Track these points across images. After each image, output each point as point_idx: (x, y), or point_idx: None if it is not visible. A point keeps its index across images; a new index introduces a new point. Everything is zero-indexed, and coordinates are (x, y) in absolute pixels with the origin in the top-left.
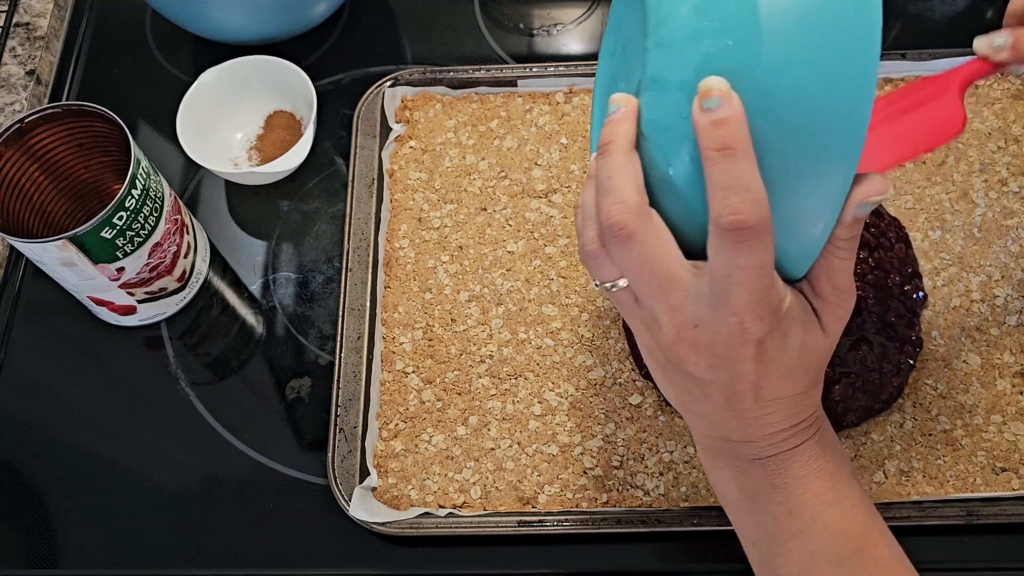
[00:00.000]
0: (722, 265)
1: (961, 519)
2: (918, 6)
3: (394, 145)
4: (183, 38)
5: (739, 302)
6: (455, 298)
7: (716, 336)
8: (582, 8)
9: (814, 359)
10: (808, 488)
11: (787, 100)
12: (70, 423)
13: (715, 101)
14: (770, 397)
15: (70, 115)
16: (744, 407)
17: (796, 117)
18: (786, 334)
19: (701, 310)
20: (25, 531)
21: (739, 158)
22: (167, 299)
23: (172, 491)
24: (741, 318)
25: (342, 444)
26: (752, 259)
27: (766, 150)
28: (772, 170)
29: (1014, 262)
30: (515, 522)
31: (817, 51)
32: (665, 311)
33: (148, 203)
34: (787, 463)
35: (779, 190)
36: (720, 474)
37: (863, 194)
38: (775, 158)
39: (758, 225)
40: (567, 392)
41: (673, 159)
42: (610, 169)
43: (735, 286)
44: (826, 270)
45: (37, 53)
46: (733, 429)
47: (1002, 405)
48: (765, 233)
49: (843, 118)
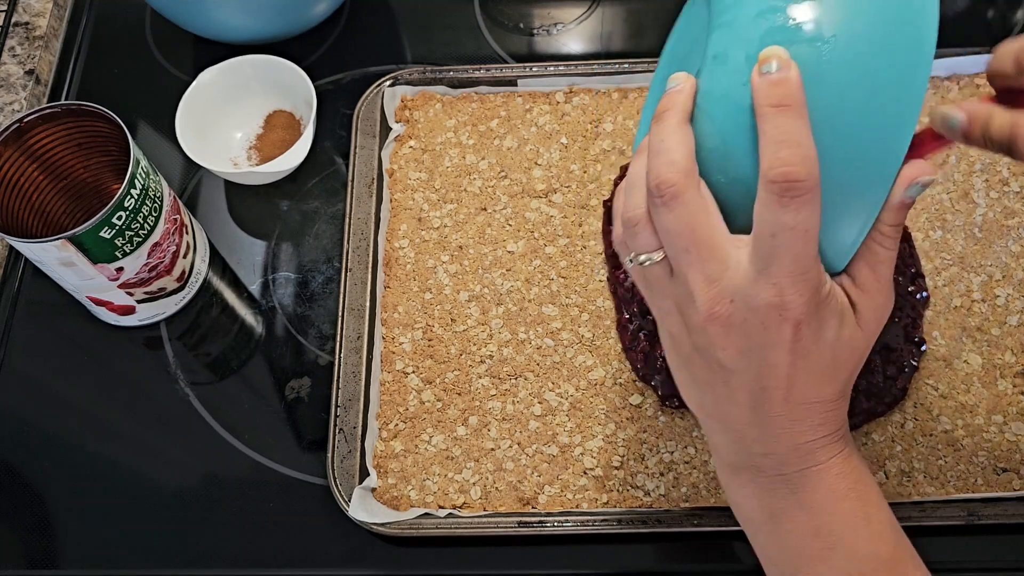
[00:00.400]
0: (768, 224)
1: (962, 519)
2: None
3: (394, 145)
4: (183, 38)
5: (781, 269)
6: (455, 298)
7: (753, 313)
8: (582, 8)
9: (848, 358)
10: (836, 508)
11: (845, 76)
12: (70, 423)
13: (775, 65)
14: (799, 400)
15: (69, 115)
16: (770, 409)
17: (853, 93)
18: (823, 323)
19: (739, 282)
20: (25, 531)
21: (794, 115)
22: (166, 299)
23: (172, 491)
24: (781, 289)
25: (342, 444)
26: (799, 219)
27: (820, 125)
28: (824, 146)
29: (1015, 262)
30: (515, 522)
31: (877, 27)
32: (701, 281)
33: (147, 203)
34: (814, 480)
35: (829, 168)
36: (741, 492)
37: (913, 174)
38: (828, 134)
39: (808, 182)
40: (567, 392)
41: (728, 126)
42: (663, 133)
43: (779, 250)
44: (868, 259)
45: (36, 52)
46: (755, 439)
47: (1003, 405)
48: (814, 193)
49: (900, 96)
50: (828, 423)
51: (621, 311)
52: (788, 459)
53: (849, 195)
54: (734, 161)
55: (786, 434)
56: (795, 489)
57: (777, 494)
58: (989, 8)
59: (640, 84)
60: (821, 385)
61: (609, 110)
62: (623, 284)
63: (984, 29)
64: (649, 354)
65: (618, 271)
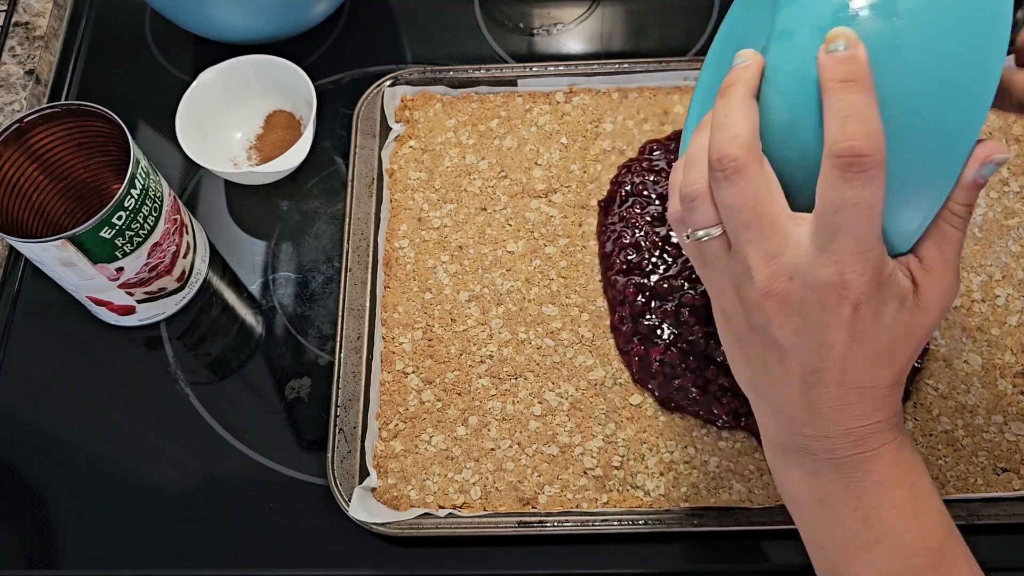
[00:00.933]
0: (831, 200)
1: (962, 519)
2: None
3: (394, 145)
4: (183, 38)
5: (843, 246)
6: (455, 298)
7: (812, 292)
8: (582, 7)
9: (907, 343)
10: (886, 497)
11: (919, 51)
12: (70, 423)
13: (842, 44)
14: (853, 383)
15: (69, 115)
16: (823, 392)
17: (926, 69)
18: (884, 305)
19: (799, 260)
20: (25, 531)
21: (860, 91)
22: (166, 299)
23: (172, 491)
24: (842, 268)
25: (342, 444)
26: (863, 195)
27: (891, 101)
28: (895, 122)
29: (1015, 262)
30: (515, 522)
31: (953, 3)
32: (760, 258)
33: (147, 203)
34: (865, 467)
35: (898, 145)
36: (789, 474)
37: (987, 151)
38: (899, 111)
39: (873, 157)
40: (567, 392)
41: (797, 100)
42: (728, 107)
43: (842, 226)
44: (937, 239)
45: (36, 53)
46: (806, 421)
47: (1003, 405)
48: (879, 169)
49: (975, 74)
50: (881, 409)
51: (614, 312)
52: (839, 444)
53: (919, 174)
54: (801, 136)
55: (838, 418)
56: (845, 475)
57: (826, 478)
58: None
59: (640, 84)
60: (876, 369)
61: (609, 110)
62: (614, 286)
63: None
64: (644, 358)
65: (610, 272)
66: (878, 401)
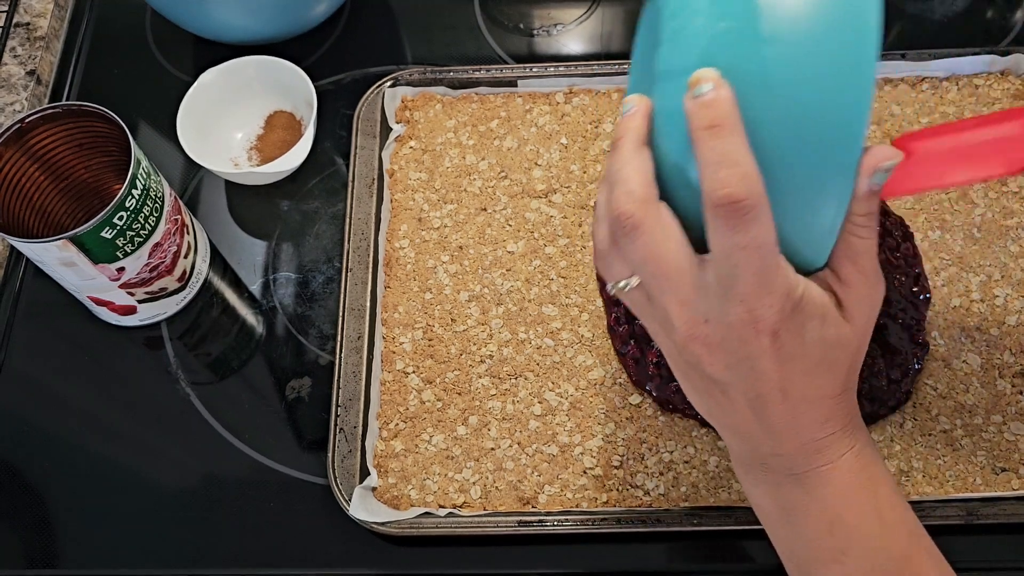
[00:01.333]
0: (721, 247)
1: (961, 519)
2: (918, 6)
3: (394, 145)
4: (183, 38)
5: (745, 287)
6: (455, 298)
7: (728, 330)
8: (582, 8)
9: (841, 354)
10: (850, 505)
11: (792, 74)
12: (70, 423)
13: (706, 87)
14: (798, 398)
15: (70, 115)
16: (771, 412)
17: (801, 90)
18: (803, 325)
19: (710, 303)
20: (25, 531)
21: (726, 134)
22: (167, 299)
23: (172, 491)
24: (749, 306)
25: (342, 444)
26: (750, 237)
27: (771, 126)
28: (776, 150)
29: (1014, 262)
30: (515, 522)
31: (819, 22)
32: (675, 306)
33: (148, 203)
34: (825, 478)
35: (784, 171)
36: (755, 489)
37: (874, 161)
38: (781, 135)
39: (750, 199)
40: (567, 392)
41: (679, 142)
42: (619, 162)
43: (737, 269)
44: (847, 252)
45: (37, 53)
46: (762, 440)
47: (1002, 405)
48: (759, 209)
49: (847, 88)
50: (834, 418)
51: (610, 313)
52: (797, 459)
53: (812, 194)
54: (691, 176)
55: (792, 433)
56: (807, 487)
57: (790, 491)
58: (988, 8)
59: None
60: (817, 381)
61: (609, 110)
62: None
63: (983, 29)
64: (640, 360)
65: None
66: (828, 411)
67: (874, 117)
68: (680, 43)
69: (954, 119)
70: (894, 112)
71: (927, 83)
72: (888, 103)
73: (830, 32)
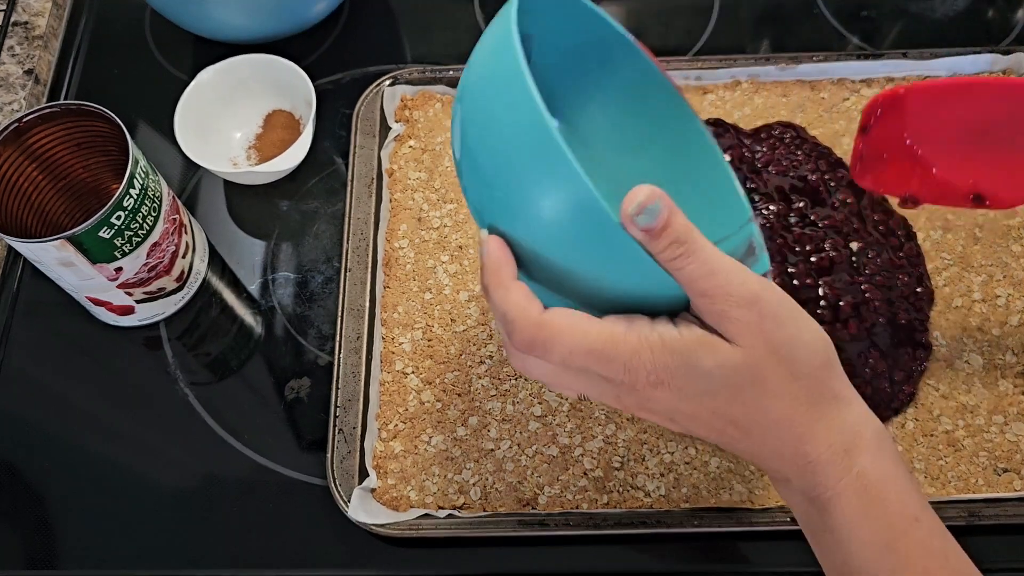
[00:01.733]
0: (542, 377)
1: (963, 520)
2: (919, 5)
3: (393, 144)
4: (182, 37)
5: (594, 385)
6: (455, 298)
7: (629, 398)
8: None
9: (745, 376)
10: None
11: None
12: (69, 423)
13: (482, 251)
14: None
15: (68, 114)
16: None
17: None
18: (689, 368)
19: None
20: (24, 531)
21: (490, 293)
22: (165, 299)
23: (171, 492)
24: (607, 383)
25: (341, 445)
26: (555, 356)
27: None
28: (543, 241)
29: (1015, 262)
30: (515, 523)
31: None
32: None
33: (146, 203)
34: (830, 506)
35: (565, 253)
36: (790, 506)
37: (626, 206)
38: (537, 230)
39: (523, 342)
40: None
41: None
42: (497, 305)
43: (566, 378)
44: (683, 283)
45: (35, 52)
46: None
47: (1004, 406)
48: (537, 348)
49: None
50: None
51: None
52: (803, 485)
53: (589, 261)
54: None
55: (776, 458)
56: (821, 512)
57: (810, 513)
58: (989, 8)
59: None
60: (758, 406)
61: None
62: None
63: (984, 29)
64: None
65: None
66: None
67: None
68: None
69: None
70: None
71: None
72: None
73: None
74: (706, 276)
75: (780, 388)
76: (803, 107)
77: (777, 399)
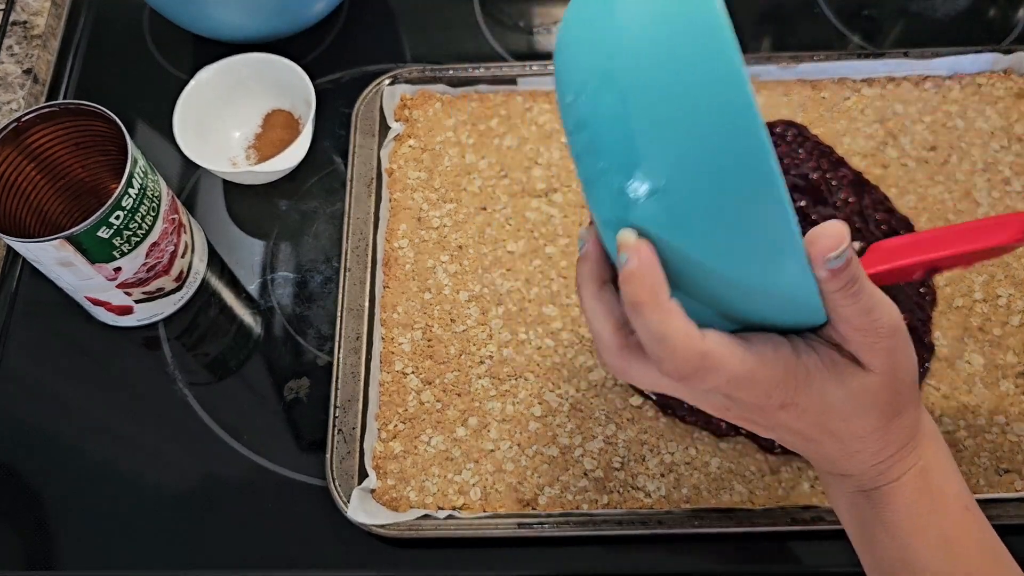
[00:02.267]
0: (651, 385)
1: None
2: (920, 5)
3: (393, 144)
4: (181, 37)
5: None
6: (455, 298)
7: (750, 413)
8: None
9: (869, 399)
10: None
11: (699, 211)
12: (68, 423)
13: (624, 256)
14: (845, 438)
15: (67, 114)
16: (827, 451)
17: (715, 217)
18: (821, 390)
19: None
20: (24, 531)
21: (647, 312)
22: (164, 299)
23: (170, 492)
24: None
25: (341, 445)
26: (707, 384)
27: (699, 258)
28: (716, 277)
29: (1016, 262)
30: (515, 524)
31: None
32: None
33: (145, 202)
34: (888, 497)
35: (730, 271)
36: (836, 503)
37: (820, 252)
38: (711, 265)
39: (681, 371)
40: (567, 393)
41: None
42: (586, 314)
43: (684, 391)
44: (840, 317)
45: (34, 52)
46: (831, 462)
47: (1005, 406)
48: (694, 379)
49: (759, 204)
50: (889, 444)
51: None
52: (863, 479)
53: (765, 280)
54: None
55: (853, 462)
56: (876, 505)
57: (863, 508)
58: (990, 7)
59: None
60: (859, 423)
61: None
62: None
63: (985, 28)
64: None
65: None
66: (883, 440)
67: (877, 115)
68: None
69: (956, 118)
70: (897, 111)
71: (930, 82)
72: (891, 102)
73: (722, 161)
74: (866, 312)
75: (887, 405)
76: (804, 106)
77: (881, 416)
